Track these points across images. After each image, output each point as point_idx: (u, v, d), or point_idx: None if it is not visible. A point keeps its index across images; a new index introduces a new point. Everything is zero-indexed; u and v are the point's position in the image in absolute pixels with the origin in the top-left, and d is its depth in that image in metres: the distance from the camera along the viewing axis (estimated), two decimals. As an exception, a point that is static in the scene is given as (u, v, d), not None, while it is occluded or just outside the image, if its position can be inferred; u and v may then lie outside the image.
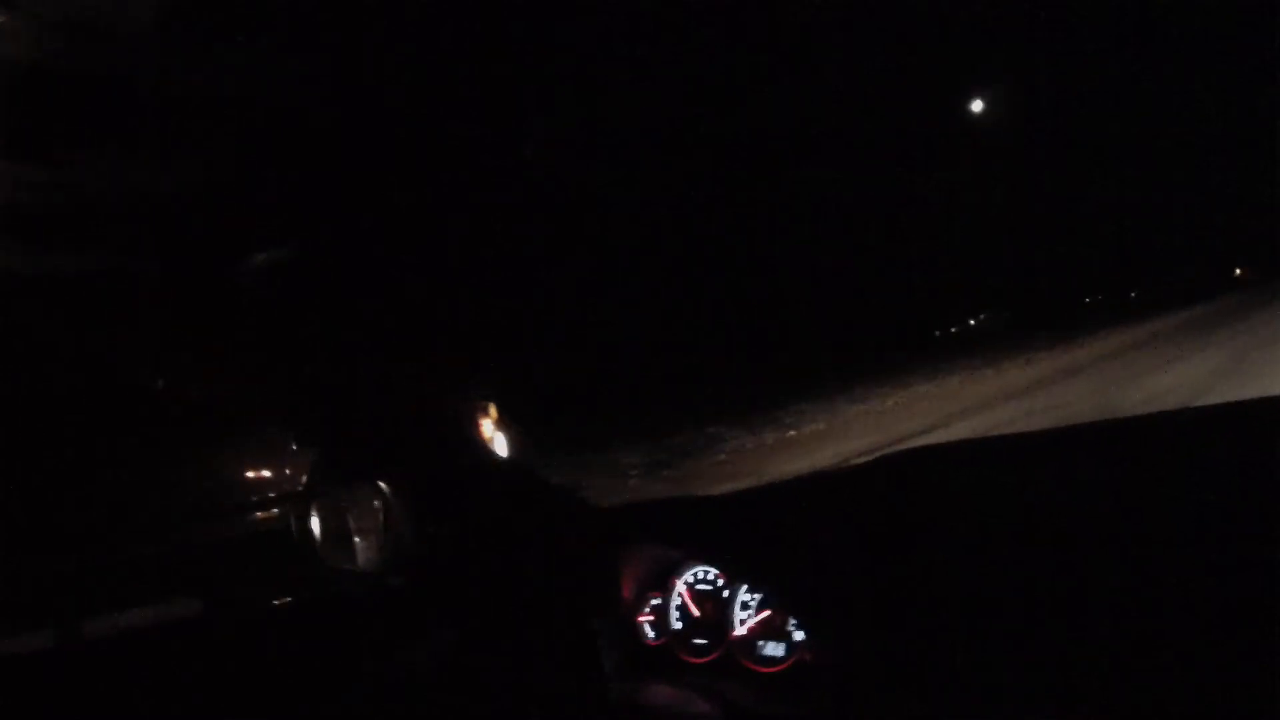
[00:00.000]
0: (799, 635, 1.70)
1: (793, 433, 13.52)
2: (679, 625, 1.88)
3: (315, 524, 2.17)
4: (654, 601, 1.92)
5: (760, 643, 1.76)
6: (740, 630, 1.78)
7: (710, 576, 1.86)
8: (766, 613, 1.76)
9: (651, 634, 1.92)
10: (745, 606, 1.80)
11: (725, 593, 1.83)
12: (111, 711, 1.89)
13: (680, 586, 1.89)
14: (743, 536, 1.78)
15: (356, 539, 2.11)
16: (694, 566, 1.87)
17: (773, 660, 1.74)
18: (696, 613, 1.86)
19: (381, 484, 2.12)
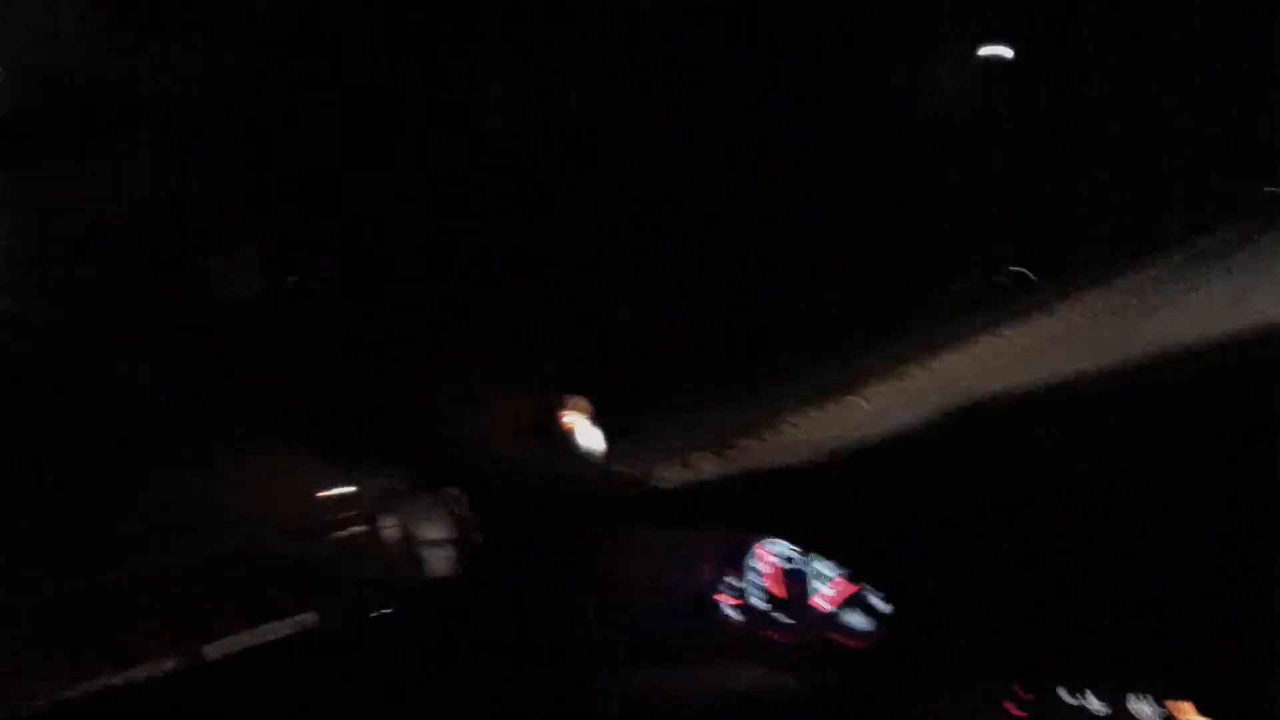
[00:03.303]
0: (881, 605, 1.69)
1: (867, 404, 13.33)
2: (760, 604, 1.87)
3: (386, 536, 2.18)
4: (732, 583, 1.90)
5: (842, 615, 1.75)
6: (822, 604, 1.76)
7: (787, 553, 1.84)
8: (847, 585, 1.74)
9: (733, 615, 1.90)
10: (825, 580, 1.78)
11: (804, 568, 1.81)
12: None
13: (757, 565, 1.87)
14: (816, 510, 1.76)
15: (428, 549, 2.12)
16: (771, 544, 1.85)
17: (856, 632, 1.72)
18: (776, 591, 1.84)
19: (453, 493, 2.13)
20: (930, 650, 1.49)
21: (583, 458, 2.47)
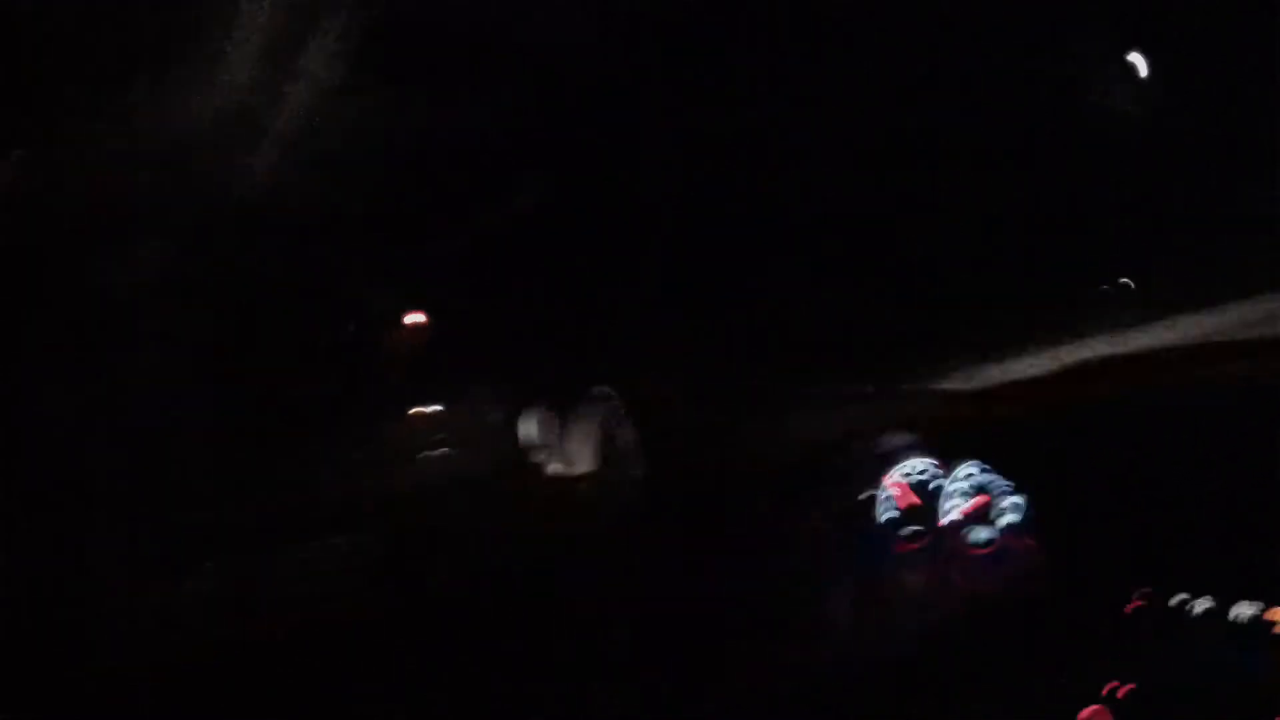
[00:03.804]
0: (1004, 520, 1.90)
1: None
2: (893, 513, 2.07)
3: (529, 430, 2.21)
4: (870, 492, 2.11)
5: (968, 528, 1.96)
6: (950, 517, 1.98)
7: (922, 469, 2.04)
8: (975, 500, 1.95)
9: (869, 521, 2.11)
10: (953, 496, 1.99)
11: (934, 484, 2.02)
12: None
13: (895, 477, 2.08)
14: (965, 423, 1.96)
15: (576, 445, 2.22)
16: (909, 458, 2.06)
17: (979, 543, 1.93)
18: (909, 501, 2.05)
19: (607, 391, 2.27)
20: (1055, 557, 1.70)
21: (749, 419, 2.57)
